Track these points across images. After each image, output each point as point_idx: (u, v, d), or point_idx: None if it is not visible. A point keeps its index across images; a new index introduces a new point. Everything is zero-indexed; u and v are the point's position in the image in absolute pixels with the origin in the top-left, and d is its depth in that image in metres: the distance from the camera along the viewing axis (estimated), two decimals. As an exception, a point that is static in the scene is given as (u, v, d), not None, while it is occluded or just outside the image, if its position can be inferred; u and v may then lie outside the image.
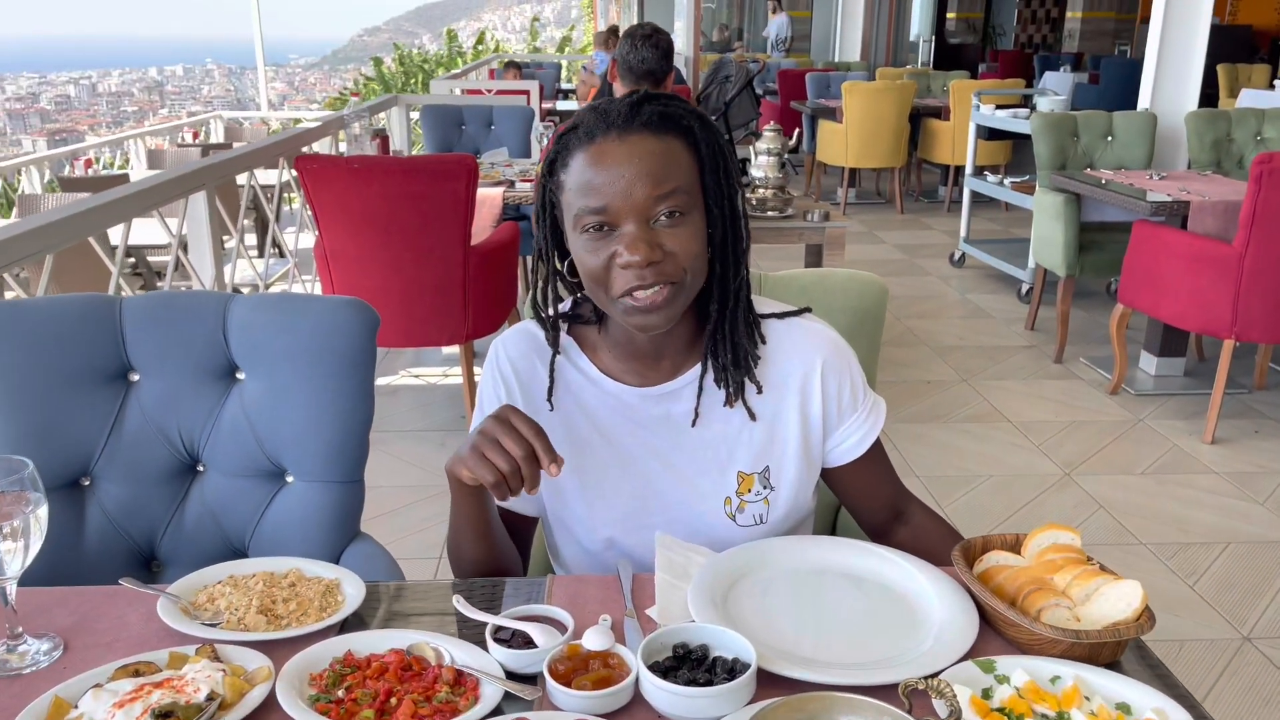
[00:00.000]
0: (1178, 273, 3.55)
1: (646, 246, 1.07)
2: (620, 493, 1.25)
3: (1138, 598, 1.00)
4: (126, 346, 1.44)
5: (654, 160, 1.08)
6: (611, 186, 1.07)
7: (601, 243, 1.09)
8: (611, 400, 1.24)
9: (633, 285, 1.08)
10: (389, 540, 1.61)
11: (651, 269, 1.08)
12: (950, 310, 5.24)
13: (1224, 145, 4.57)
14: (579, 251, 1.12)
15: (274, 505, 1.47)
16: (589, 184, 1.08)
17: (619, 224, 1.08)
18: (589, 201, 1.08)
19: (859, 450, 1.28)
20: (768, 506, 1.25)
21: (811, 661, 0.99)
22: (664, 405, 1.23)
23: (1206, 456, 3.46)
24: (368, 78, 17.46)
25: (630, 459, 1.24)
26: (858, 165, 7.62)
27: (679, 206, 1.09)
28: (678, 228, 1.09)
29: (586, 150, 1.09)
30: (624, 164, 1.07)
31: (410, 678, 0.97)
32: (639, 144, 1.09)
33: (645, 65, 3.09)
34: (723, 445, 1.24)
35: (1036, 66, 12.33)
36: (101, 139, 8.41)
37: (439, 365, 4.34)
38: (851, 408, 1.26)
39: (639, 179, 1.07)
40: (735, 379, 1.20)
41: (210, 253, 2.94)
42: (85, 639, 1.05)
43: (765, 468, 1.25)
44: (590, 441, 1.23)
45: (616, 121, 1.09)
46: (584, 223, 1.10)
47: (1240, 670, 2.34)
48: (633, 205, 1.07)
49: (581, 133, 1.11)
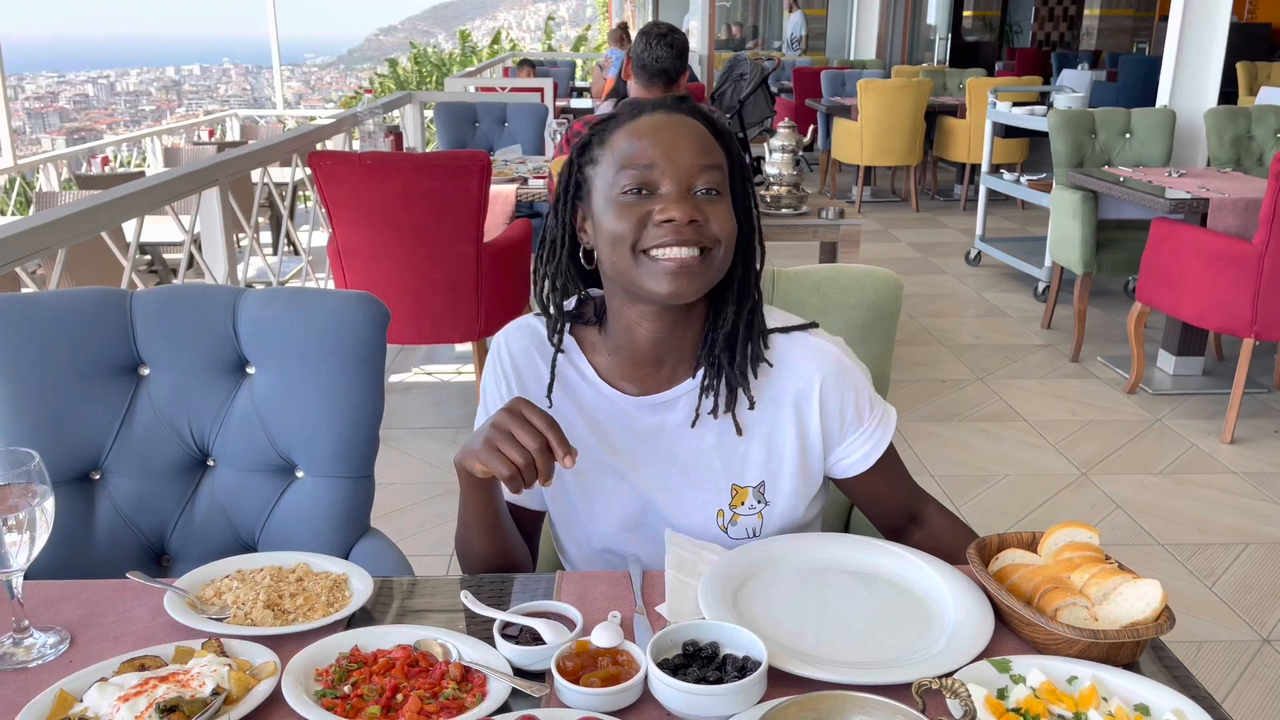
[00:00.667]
0: (1197, 271, 3.52)
1: (689, 205, 1.07)
2: (617, 496, 1.23)
3: (1157, 597, 0.98)
4: (137, 340, 1.44)
5: (700, 137, 1.11)
6: (659, 147, 1.09)
7: (638, 204, 1.09)
8: (608, 405, 1.22)
9: (667, 240, 1.07)
10: (400, 537, 1.61)
11: (691, 227, 1.07)
12: (966, 309, 5.21)
13: (1244, 142, 4.53)
14: (608, 219, 1.10)
15: (284, 500, 1.47)
16: (636, 145, 1.10)
17: (660, 186, 1.09)
18: (635, 159, 1.09)
19: (866, 464, 1.25)
20: (761, 521, 1.24)
21: (823, 660, 0.97)
22: (659, 415, 1.22)
23: (1225, 456, 3.42)
24: (383, 76, 17.52)
25: (625, 464, 1.23)
26: (873, 163, 7.58)
27: (717, 185, 1.10)
28: (714, 203, 1.10)
29: (632, 124, 1.12)
30: (674, 131, 1.10)
31: (417, 674, 0.96)
32: (687, 121, 1.12)
33: (659, 64, 3.08)
34: (716, 457, 1.22)
35: (1054, 64, 12.25)
36: (119, 137, 8.45)
37: (452, 362, 4.34)
38: (855, 423, 1.24)
39: (687, 145, 1.09)
40: (731, 388, 1.19)
41: (223, 249, 2.94)
42: (92, 632, 1.04)
43: (761, 482, 1.23)
44: (588, 443, 1.22)
45: (663, 105, 1.14)
46: (624, 183, 1.09)
47: (1260, 672, 2.31)
48: (678, 168, 1.08)
49: (624, 115, 1.14)
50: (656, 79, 3.11)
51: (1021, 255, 5.48)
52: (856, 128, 7.44)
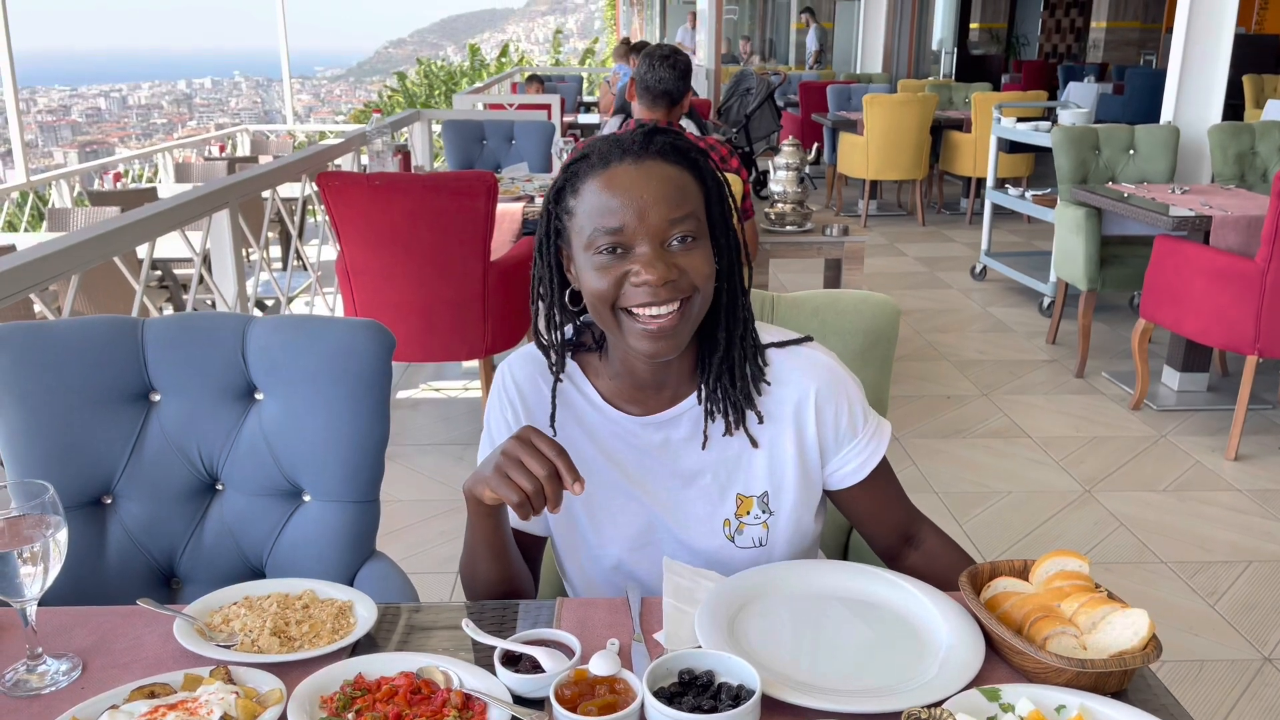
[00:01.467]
0: (1200, 288, 3.53)
1: (663, 266, 1.09)
2: (625, 514, 1.26)
3: (1144, 627, 0.99)
4: (148, 367, 1.47)
5: (669, 185, 1.10)
6: (628, 208, 1.09)
7: (614, 264, 1.10)
8: (613, 426, 1.25)
9: (645, 301, 1.10)
10: (407, 554, 1.63)
11: (667, 288, 1.09)
12: (971, 324, 5.22)
13: (1248, 158, 4.54)
14: (588, 273, 1.12)
15: (291, 524, 1.49)
16: (604, 206, 1.10)
17: (634, 245, 1.10)
18: (605, 222, 1.09)
19: (860, 475, 1.28)
20: (766, 530, 1.26)
21: (817, 688, 0.99)
22: (664, 432, 1.24)
23: (1229, 474, 3.42)
24: (392, 89, 17.63)
25: (633, 483, 1.25)
26: (879, 177, 7.61)
27: (692, 232, 1.11)
28: (692, 252, 1.11)
29: (601, 175, 1.11)
30: (640, 187, 1.09)
31: (419, 701, 0.98)
32: (654, 169, 1.11)
33: (662, 85, 3.11)
34: (721, 469, 1.25)
35: (1060, 77, 12.28)
36: (131, 152, 8.54)
37: (459, 379, 4.37)
38: (850, 434, 1.26)
39: (656, 202, 1.09)
40: (737, 407, 1.21)
41: (233, 268, 2.98)
42: (103, 659, 1.07)
43: (764, 492, 1.26)
44: (595, 465, 1.25)
45: (632, 149, 1.11)
46: (598, 244, 1.10)
47: (1261, 692, 2.32)
48: (649, 227, 1.09)
49: (595, 160, 1.12)
50: (660, 100, 3.14)
51: (1027, 270, 5.49)
52: (862, 142, 7.47)
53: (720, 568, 1.23)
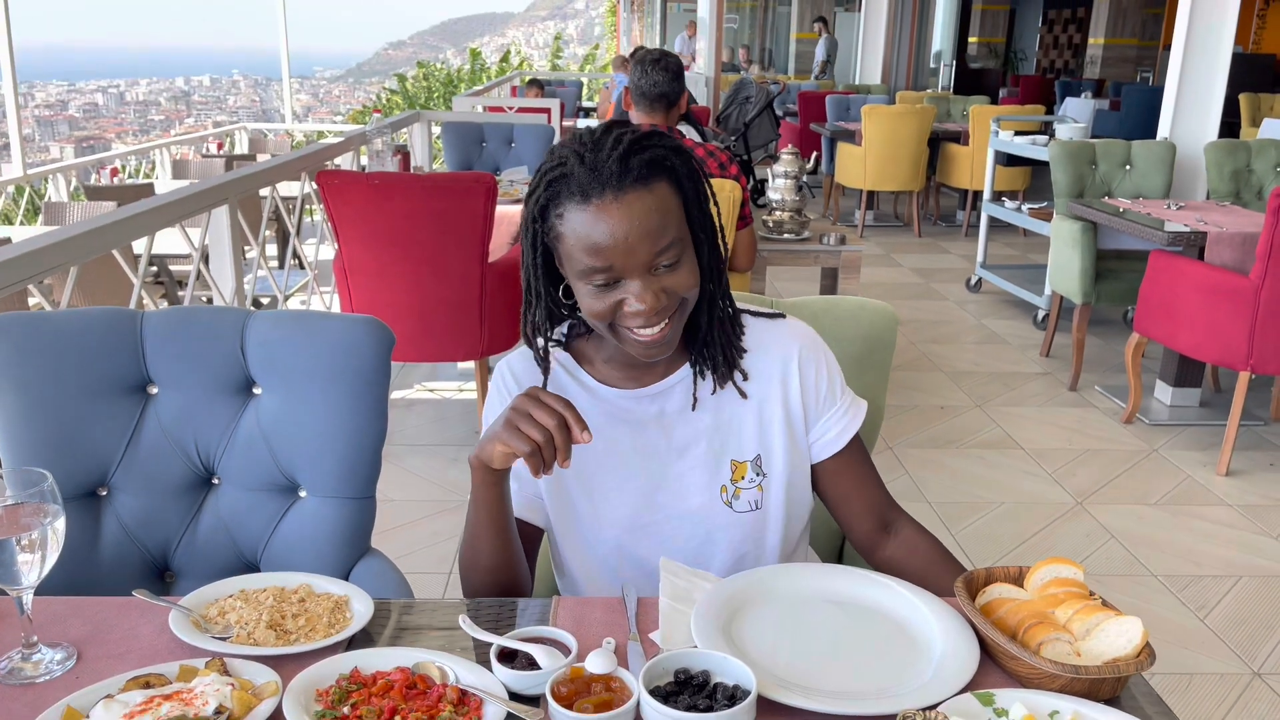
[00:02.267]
0: (1194, 304, 3.55)
1: (652, 296, 1.14)
2: (624, 493, 1.29)
3: (1138, 634, 1.00)
4: (146, 360, 1.47)
5: (651, 217, 1.12)
6: (614, 248, 1.12)
7: (606, 292, 1.16)
8: (609, 405, 1.30)
9: (638, 324, 1.17)
10: (400, 554, 1.63)
11: (658, 312, 1.16)
12: (965, 335, 5.24)
13: (1243, 176, 4.57)
14: (583, 296, 1.18)
15: (286, 520, 1.49)
16: (591, 245, 1.12)
17: (623, 278, 1.14)
18: (594, 261, 1.13)
19: (838, 445, 1.33)
20: (762, 493, 1.31)
21: (812, 690, 1.00)
22: (658, 403, 1.30)
23: (1220, 489, 3.44)
24: (391, 91, 17.64)
25: (631, 460, 1.29)
26: (876, 188, 7.63)
27: (676, 255, 1.16)
28: (677, 270, 1.16)
29: (584, 210, 1.12)
30: (624, 224, 1.11)
31: (415, 696, 0.98)
32: (635, 203, 1.12)
33: (658, 89, 3.12)
34: (715, 435, 1.30)
35: (1058, 92, 12.34)
36: (128, 147, 8.52)
37: (454, 380, 4.37)
38: (830, 399, 1.32)
39: (641, 239, 1.12)
40: (723, 372, 1.29)
41: (231, 264, 2.98)
42: (98, 649, 1.07)
43: (757, 455, 1.30)
44: (593, 450, 1.27)
45: (610, 181, 1.11)
46: (591, 279, 1.15)
47: (1249, 706, 2.33)
48: (636, 262, 1.13)
49: (575, 187, 1.12)
50: (658, 104, 3.15)
51: (1022, 283, 5.51)
52: (860, 152, 7.50)
53: (720, 534, 1.29)
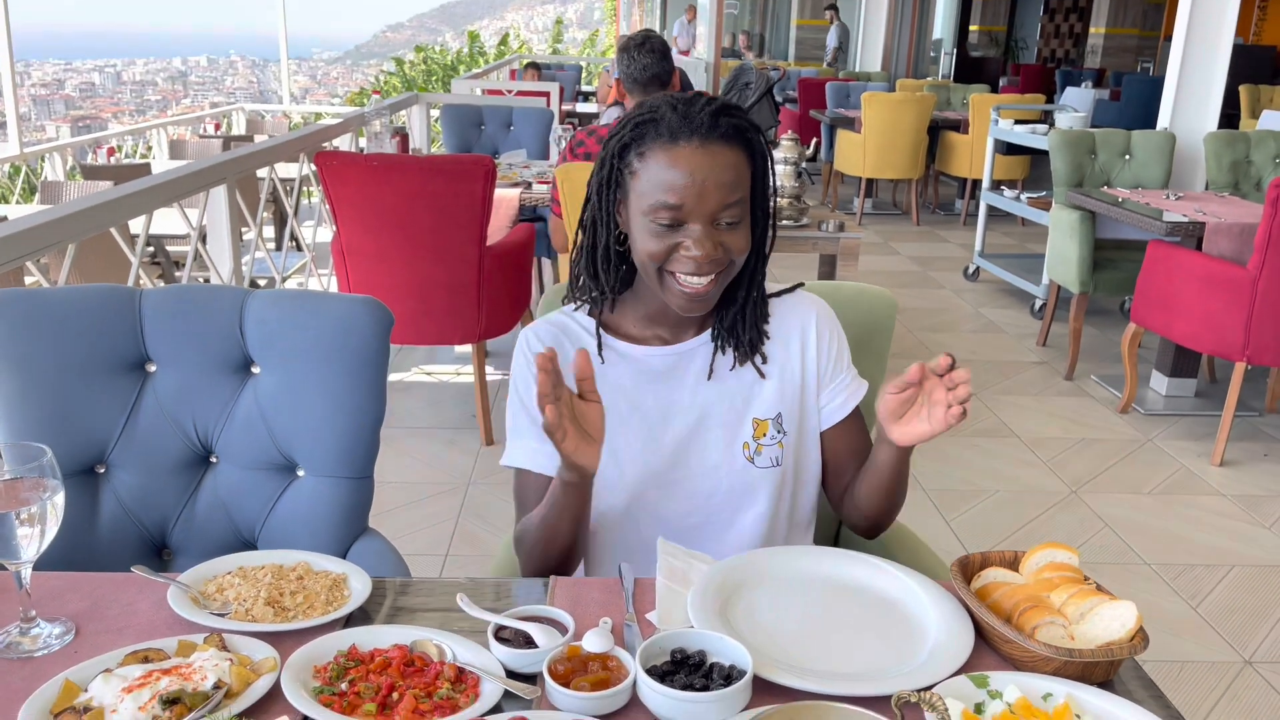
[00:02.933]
0: (1191, 294, 3.55)
1: (711, 244, 1.21)
2: (650, 452, 1.33)
3: (1132, 618, 1.01)
4: (145, 338, 1.47)
5: (728, 172, 1.21)
6: (690, 189, 1.19)
7: (667, 234, 1.22)
8: (636, 364, 1.34)
9: (688, 271, 1.22)
10: (396, 536, 1.63)
11: (711, 263, 1.22)
12: (962, 324, 5.24)
13: (1242, 167, 4.57)
14: (642, 235, 1.24)
15: (284, 498, 1.50)
16: (667, 182, 1.20)
17: (688, 221, 1.21)
18: (666, 197, 1.20)
19: (842, 413, 1.39)
20: (782, 450, 1.35)
21: (807, 670, 1.00)
22: (685, 362, 1.35)
23: (1214, 479, 3.45)
24: (390, 74, 17.56)
25: (658, 419, 1.34)
26: (875, 176, 7.62)
27: (739, 215, 1.23)
28: (735, 230, 1.24)
29: (669, 150, 1.20)
30: (703, 171, 1.19)
31: (412, 673, 0.98)
32: (718, 154, 1.21)
33: (649, 72, 3.11)
34: (739, 395, 1.35)
35: (1058, 81, 12.30)
36: (125, 127, 8.48)
37: (451, 363, 4.37)
38: (838, 368, 1.39)
39: (715, 187, 1.20)
40: (743, 349, 1.34)
41: (229, 245, 2.97)
42: (96, 624, 1.07)
43: (778, 414, 1.36)
44: (621, 412, 1.32)
45: (700, 129, 1.20)
46: (658, 215, 1.21)
47: (1240, 694, 2.34)
48: (705, 209, 1.20)
49: (664, 129, 1.21)
50: (651, 86, 3.14)
51: (1019, 272, 5.51)
52: (859, 140, 7.48)
53: (742, 490, 1.34)
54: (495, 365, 4.29)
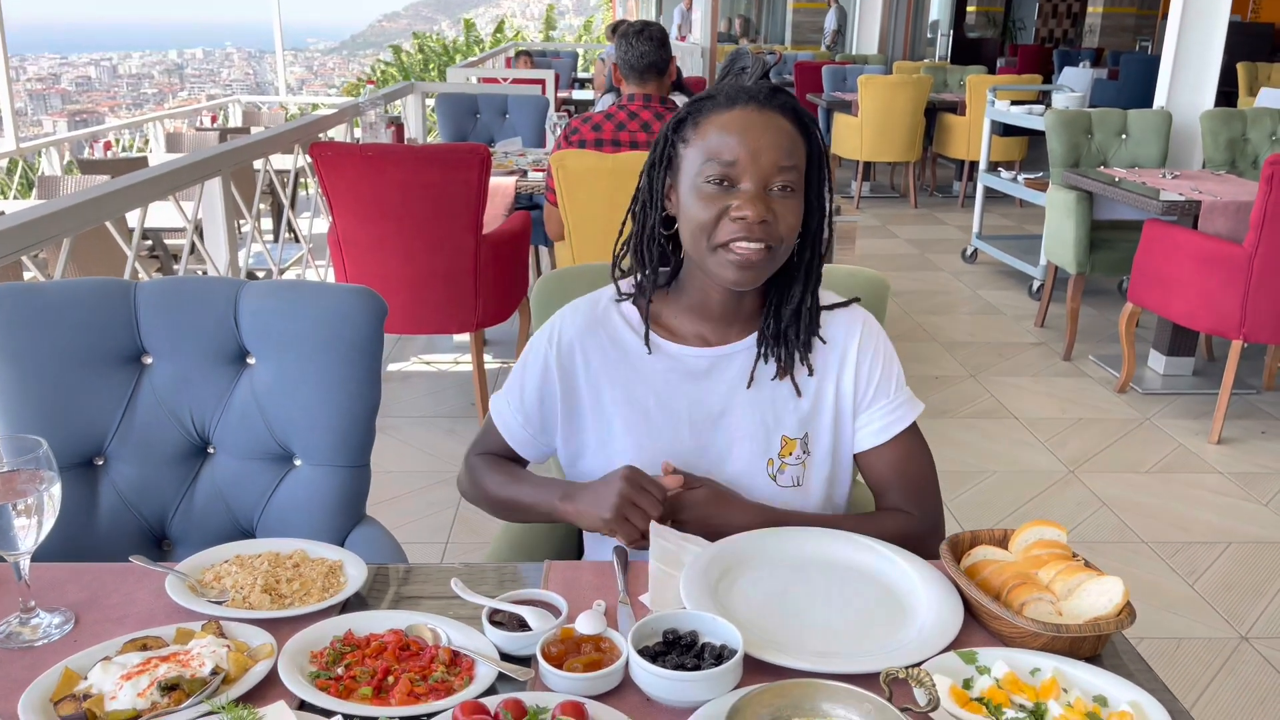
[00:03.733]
0: (1188, 272, 3.55)
1: (761, 206, 1.19)
2: (671, 452, 1.31)
3: (1119, 594, 1.02)
4: (140, 330, 1.48)
5: (785, 136, 1.21)
6: (744, 146, 1.19)
7: (718, 196, 1.21)
8: (670, 362, 1.32)
9: (738, 236, 1.20)
10: (396, 524, 1.64)
11: (761, 226, 1.19)
12: (961, 306, 5.24)
13: (1239, 145, 4.56)
14: (691, 202, 1.22)
15: (282, 488, 1.51)
16: (723, 141, 1.20)
17: (740, 181, 1.20)
18: (721, 154, 1.20)
19: (884, 436, 1.33)
20: (805, 470, 1.33)
21: (798, 649, 1.01)
22: (721, 366, 1.32)
23: (1212, 457, 3.46)
24: (386, 64, 17.51)
25: (685, 420, 1.32)
26: (872, 159, 7.61)
27: (792, 184, 1.22)
28: (787, 201, 1.22)
29: (725, 113, 1.22)
30: (760, 131, 1.20)
31: (408, 657, 1.00)
32: (775, 119, 1.21)
33: (645, 59, 3.11)
34: (770, 410, 1.32)
35: (1056, 62, 12.25)
36: (121, 121, 8.47)
37: (450, 352, 4.38)
38: (882, 392, 1.33)
39: (770, 147, 1.20)
40: (792, 356, 1.31)
41: (225, 237, 2.97)
42: (95, 614, 1.08)
43: (806, 434, 1.33)
44: (647, 407, 1.31)
45: (757, 96, 1.22)
46: (708, 173, 1.21)
47: (1237, 669, 2.36)
48: (759, 168, 1.19)
49: (721, 99, 1.23)
50: (648, 74, 3.14)
51: (1017, 253, 5.51)
52: (857, 123, 7.47)
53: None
54: (494, 354, 4.30)
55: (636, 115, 3.18)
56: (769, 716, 0.90)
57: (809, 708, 0.91)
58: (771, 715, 0.90)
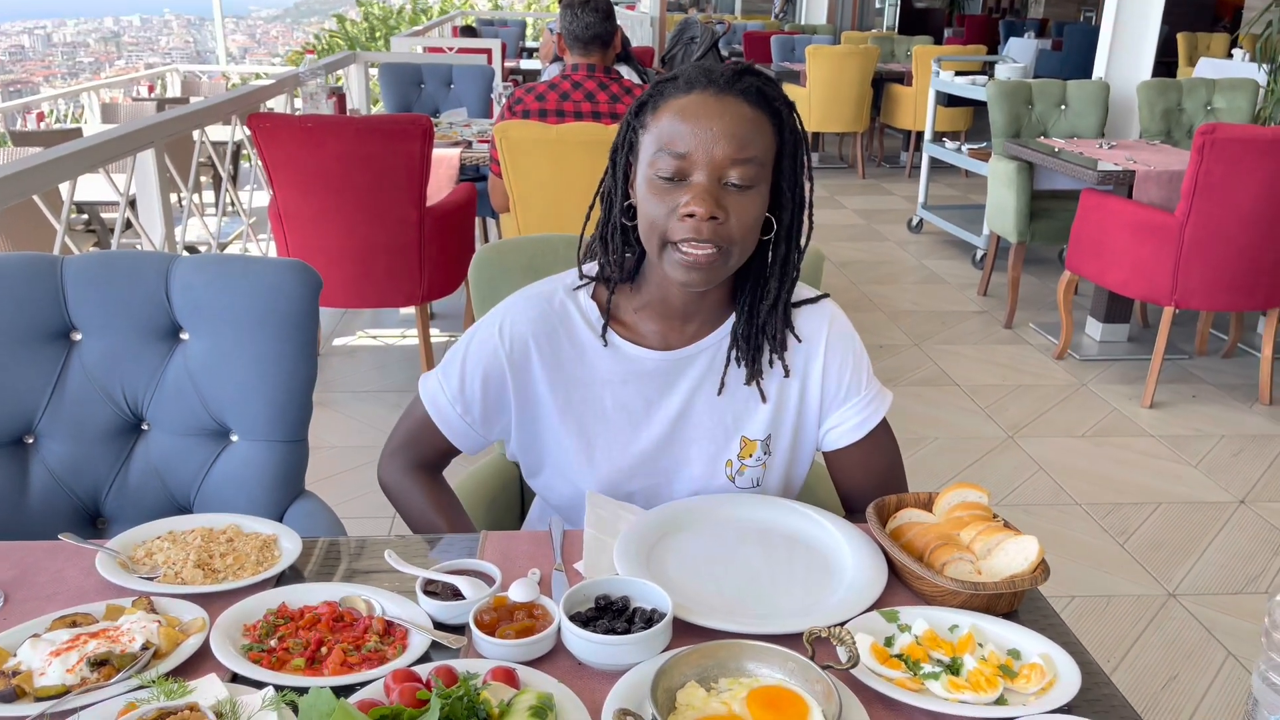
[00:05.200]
0: (1122, 241, 3.63)
1: (712, 201, 1.11)
2: (628, 453, 1.28)
3: (1034, 551, 1.05)
4: (68, 306, 1.46)
5: (742, 125, 1.13)
6: (696, 136, 1.12)
7: (669, 191, 1.13)
8: (629, 364, 1.27)
9: (688, 237, 1.13)
10: (341, 500, 1.65)
11: (709, 225, 1.12)
12: (906, 275, 5.31)
13: (1174, 115, 4.65)
14: (645, 195, 1.16)
15: (218, 464, 1.50)
16: (675, 129, 1.13)
17: (691, 174, 1.12)
18: (672, 145, 1.13)
19: (859, 433, 1.31)
20: (764, 471, 1.30)
21: (728, 612, 1.04)
22: (681, 368, 1.27)
23: (1144, 420, 3.56)
24: (331, 32, 17.14)
25: (641, 420, 1.28)
26: (821, 129, 7.64)
27: (750, 178, 1.13)
28: (742, 196, 1.14)
29: (681, 99, 1.14)
30: (714, 119, 1.12)
31: (342, 628, 1.01)
32: (732, 106, 1.13)
33: (590, 30, 3.10)
34: (729, 411, 1.28)
35: (1002, 32, 12.37)
36: (56, 91, 8.23)
37: (397, 326, 4.35)
38: (853, 389, 1.30)
39: (724, 137, 1.11)
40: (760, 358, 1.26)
41: (160, 212, 2.92)
42: (25, 591, 1.08)
43: (768, 436, 1.29)
44: (604, 407, 1.27)
45: (717, 80, 1.14)
46: (659, 165, 1.13)
47: (1164, 625, 2.44)
48: (710, 160, 1.12)
49: (680, 82, 1.16)
50: (592, 45, 3.13)
51: (961, 223, 5.59)
52: (805, 94, 7.49)
53: None
54: (441, 327, 4.28)
55: (580, 85, 3.17)
56: (695, 676, 0.92)
57: (734, 667, 0.93)
58: (698, 675, 0.92)
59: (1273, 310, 3.60)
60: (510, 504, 1.65)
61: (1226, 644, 2.37)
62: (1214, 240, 3.38)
